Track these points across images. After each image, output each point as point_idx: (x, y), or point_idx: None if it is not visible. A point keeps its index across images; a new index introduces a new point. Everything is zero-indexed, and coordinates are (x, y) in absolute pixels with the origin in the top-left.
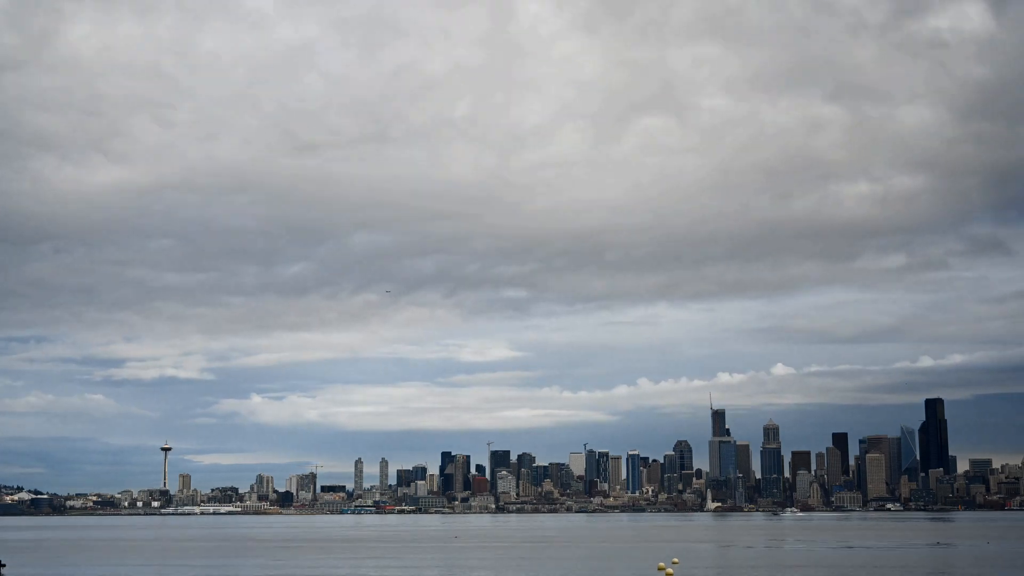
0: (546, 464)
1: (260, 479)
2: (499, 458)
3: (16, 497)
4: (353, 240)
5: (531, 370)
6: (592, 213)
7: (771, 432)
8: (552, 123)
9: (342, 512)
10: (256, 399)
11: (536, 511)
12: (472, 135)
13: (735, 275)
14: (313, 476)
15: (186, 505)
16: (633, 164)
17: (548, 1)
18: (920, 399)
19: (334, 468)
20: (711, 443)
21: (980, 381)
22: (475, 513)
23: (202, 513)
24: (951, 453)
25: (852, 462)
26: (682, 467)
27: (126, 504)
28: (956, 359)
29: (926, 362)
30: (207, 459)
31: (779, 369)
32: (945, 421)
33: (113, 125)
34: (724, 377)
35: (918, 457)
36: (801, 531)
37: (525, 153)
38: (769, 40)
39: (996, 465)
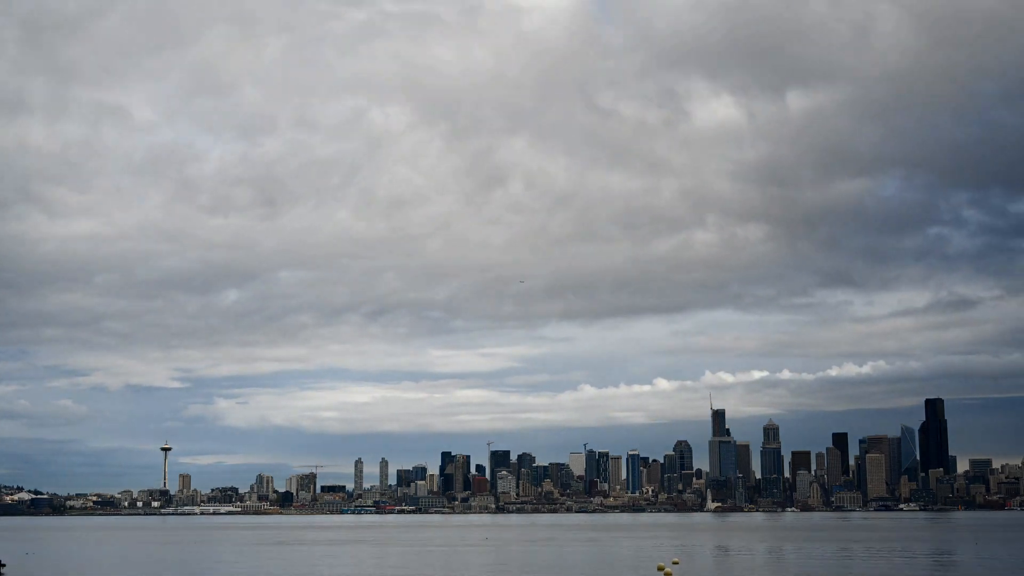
0: (546, 464)
1: (260, 479)
2: (499, 458)
3: (16, 497)
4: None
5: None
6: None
7: (771, 432)
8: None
9: (342, 512)
10: (223, 403)
11: (536, 511)
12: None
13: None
14: (313, 476)
15: (186, 505)
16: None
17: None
18: (920, 399)
19: (334, 468)
20: (711, 443)
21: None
22: (475, 513)
23: (202, 513)
24: (951, 453)
25: (852, 462)
26: (682, 467)
27: (126, 504)
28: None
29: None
30: (202, 460)
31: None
32: (945, 421)
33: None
34: (662, 383)
35: (918, 457)
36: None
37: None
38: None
39: (996, 465)
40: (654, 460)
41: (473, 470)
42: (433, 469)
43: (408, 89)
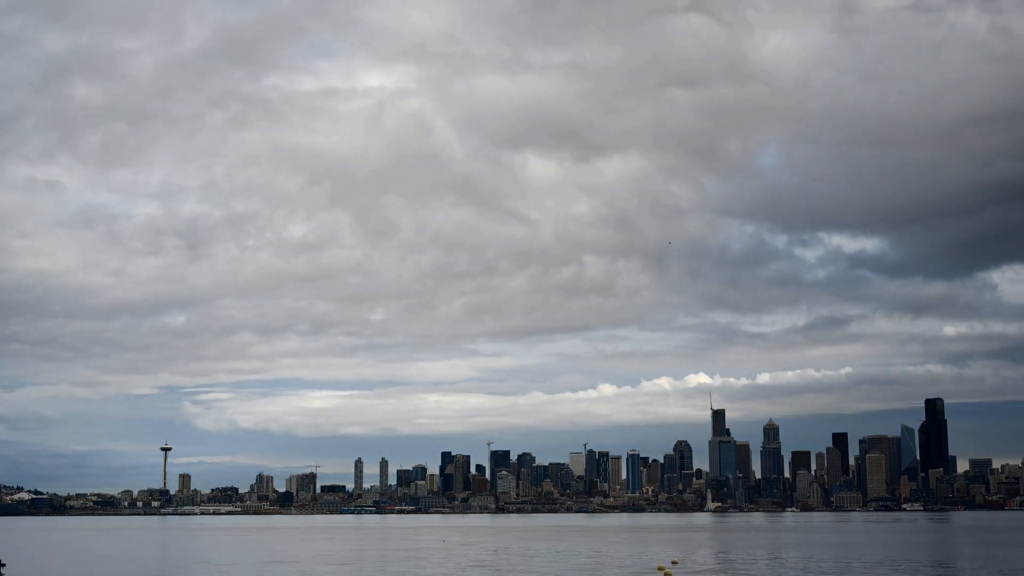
0: (546, 464)
1: (260, 479)
2: (499, 458)
3: (16, 497)
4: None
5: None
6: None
7: (771, 432)
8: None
9: (342, 512)
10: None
11: (536, 511)
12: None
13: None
14: (313, 476)
15: (186, 505)
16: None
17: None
18: (920, 399)
19: (334, 468)
20: (711, 443)
21: None
22: (475, 513)
23: (202, 513)
24: (951, 453)
25: (852, 462)
26: (682, 467)
27: (126, 504)
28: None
29: None
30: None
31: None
32: (945, 421)
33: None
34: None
35: (918, 457)
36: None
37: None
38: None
39: (996, 465)
40: (654, 460)
41: (473, 470)
42: (433, 469)
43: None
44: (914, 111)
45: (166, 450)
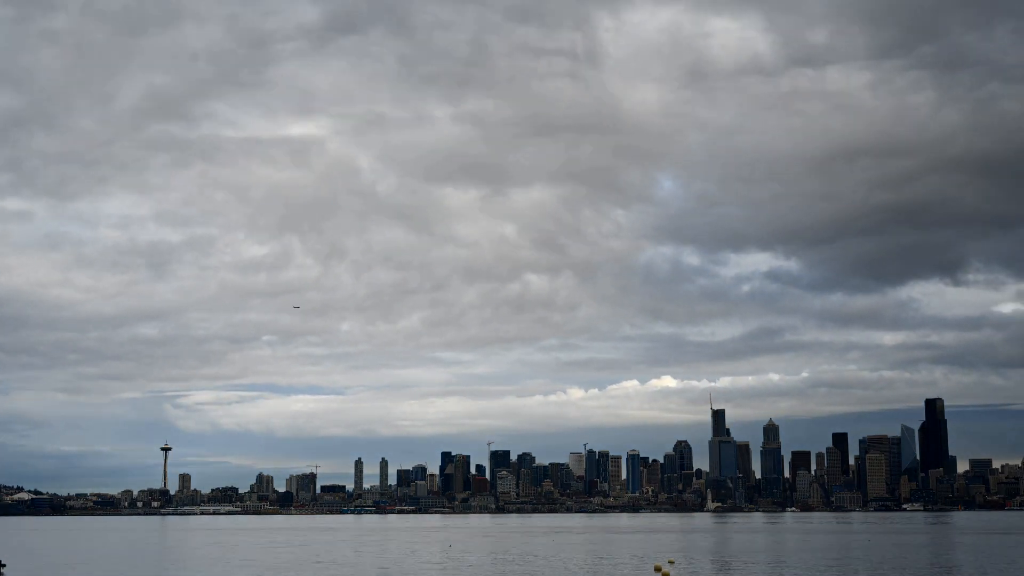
0: (546, 464)
1: (260, 479)
2: (499, 458)
3: (16, 497)
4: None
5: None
6: None
7: (771, 432)
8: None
9: (342, 512)
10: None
11: (536, 511)
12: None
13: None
14: (313, 476)
15: (186, 505)
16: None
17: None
18: (920, 399)
19: (334, 468)
20: (711, 443)
21: None
22: (475, 513)
23: (202, 513)
24: (951, 453)
25: (852, 462)
26: (682, 467)
27: (126, 504)
28: None
29: None
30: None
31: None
32: (945, 421)
33: None
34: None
35: (918, 457)
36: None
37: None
38: None
39: (996, 465)
40: (654, 460)
41: (473, 470)
42: (433, 469)
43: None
44: (786, 150)
45: (166, 450)
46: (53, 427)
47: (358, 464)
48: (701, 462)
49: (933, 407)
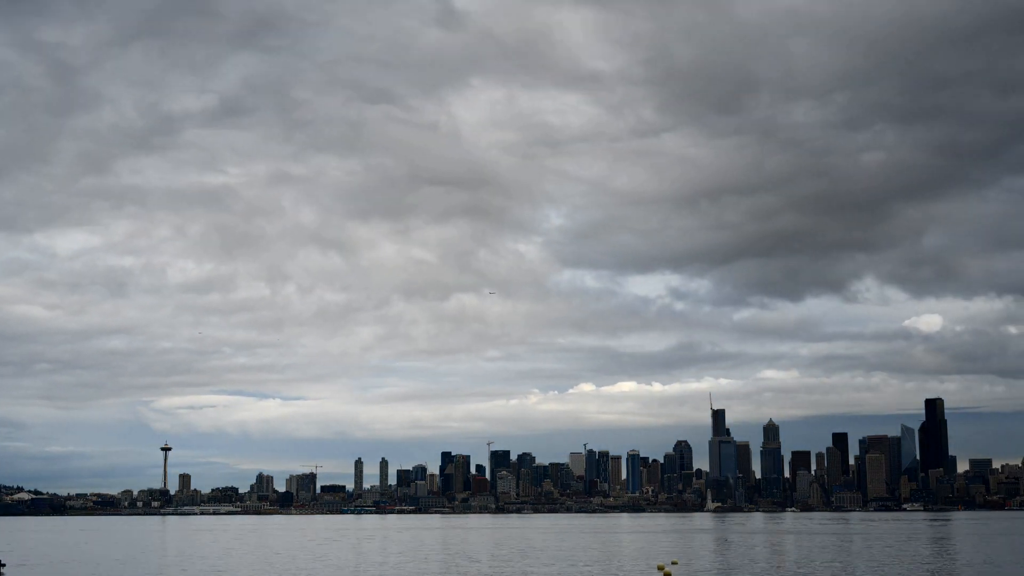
0: (546, 464)
1: (260, 479)
2: (499, 458)
3: (16, 497)
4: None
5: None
6: None
7: (771, 432)
8: None
9: (342, 512)
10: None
11: (536, 511)
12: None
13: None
14: (313, 476)
15: (186, 505)
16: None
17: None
18: (920, 399)
19: (335, 468)
20: (711, 443)
21: None
22: (475, 513)
23: (202, 513)
24: (951, 453)
25: (852, 462)
26: (682, 467)
27: (126, 504)
28: None
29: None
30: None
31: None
32: (945, 421)
33: None
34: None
35: (918, 457)
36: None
37: None
38: None
39: (996, 465)
40: (654, 460)
41: (473, 470)
42: (433, 469)
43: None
44: (652, 191)
45: (166, 450)
46: (38, 429)
47: (358, 464)
48: (701, 462)
49: (933, 407)
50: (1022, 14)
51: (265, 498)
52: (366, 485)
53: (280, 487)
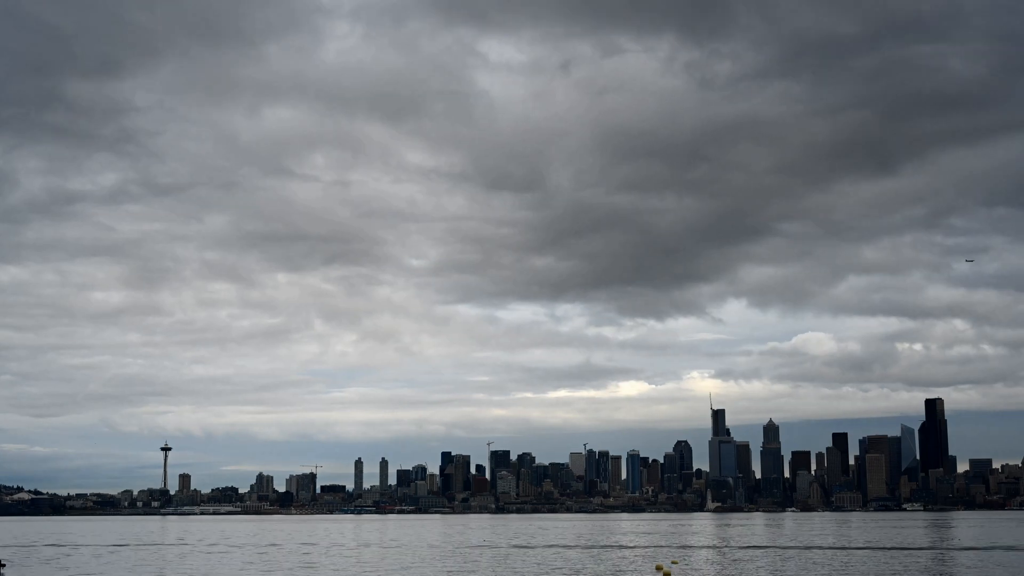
0: (546, 464)
1: (260, 479)
2: (499, 458)
3: (16, 497)
4: None
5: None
6: None
7: (771, 432)
8: None
9: (342, 512)
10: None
11: (536, 511)
12: None
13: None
14: (313, 476)
15: (186, 505)
16: None
17: None
18: (920, 399)
19: (335, 469)
20: (711, 443)
21: None
22: (475, 513)
23: (202, 513)
24: (951, 453)
25: (852, 462)
26: (682, 467)
27: (126, 504)
28: None
29: None
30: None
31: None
32: (945, 421)
33: None
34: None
35: (918, 457)
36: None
37: None
38: None
39: (996, 465)
40: (654, 460)
41: (473, 470)
42: (433, 469)
43: None
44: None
45: (166, 450)
46: (21, 432)
47: (358, 464)
48: (701, 462)
49: (933, 407)
50: None
51: (265, 498)
52: (366, 485)
53: (280, 487)
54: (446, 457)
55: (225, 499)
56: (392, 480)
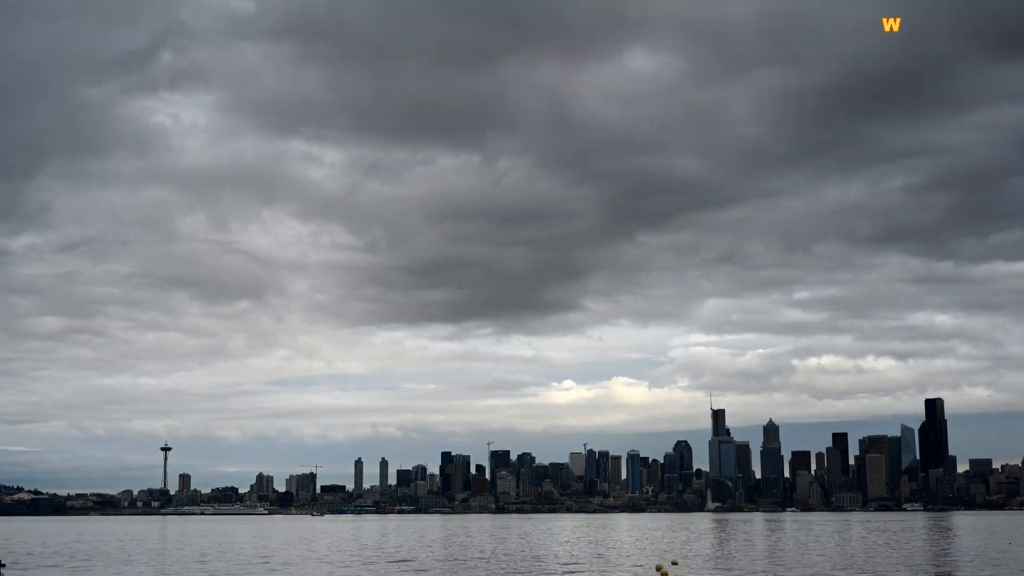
0: (546, 464)
1: (260, 479)
2: (499, 458)
3: (16, 497)
4: None
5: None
6: None
7: (771, 432)
8: None
9: (341, 512)
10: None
11: (536, 511)
12: None
13: None
14: (313, 476)
15: (186, 505)
16: None
17: None
18: (920, 399)
19: (335, 469)
20: (711, 443)
21: None
22: (475, 513)
23: (202, 513)
24: (951, 453)
25: (852, 462)
26: (682, 467)
27: (126, 504)
28: None
29: None
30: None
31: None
32: (945, 421)
33: None
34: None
35: (918, 457)
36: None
37: None
38: None
39: (996, 465)
40: (654, 460)
41: (473, 470)
42: (433, 469)
43: None
44: None
45: (166, 450)
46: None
47: (358, 464)
48: (701, 462)
49: (933, 407)
50: None
51: (265, 498)
52: (366, 485)
53: (280, 487)
54: (446, 457)
55: (225, 499)
56: (392, 480)
